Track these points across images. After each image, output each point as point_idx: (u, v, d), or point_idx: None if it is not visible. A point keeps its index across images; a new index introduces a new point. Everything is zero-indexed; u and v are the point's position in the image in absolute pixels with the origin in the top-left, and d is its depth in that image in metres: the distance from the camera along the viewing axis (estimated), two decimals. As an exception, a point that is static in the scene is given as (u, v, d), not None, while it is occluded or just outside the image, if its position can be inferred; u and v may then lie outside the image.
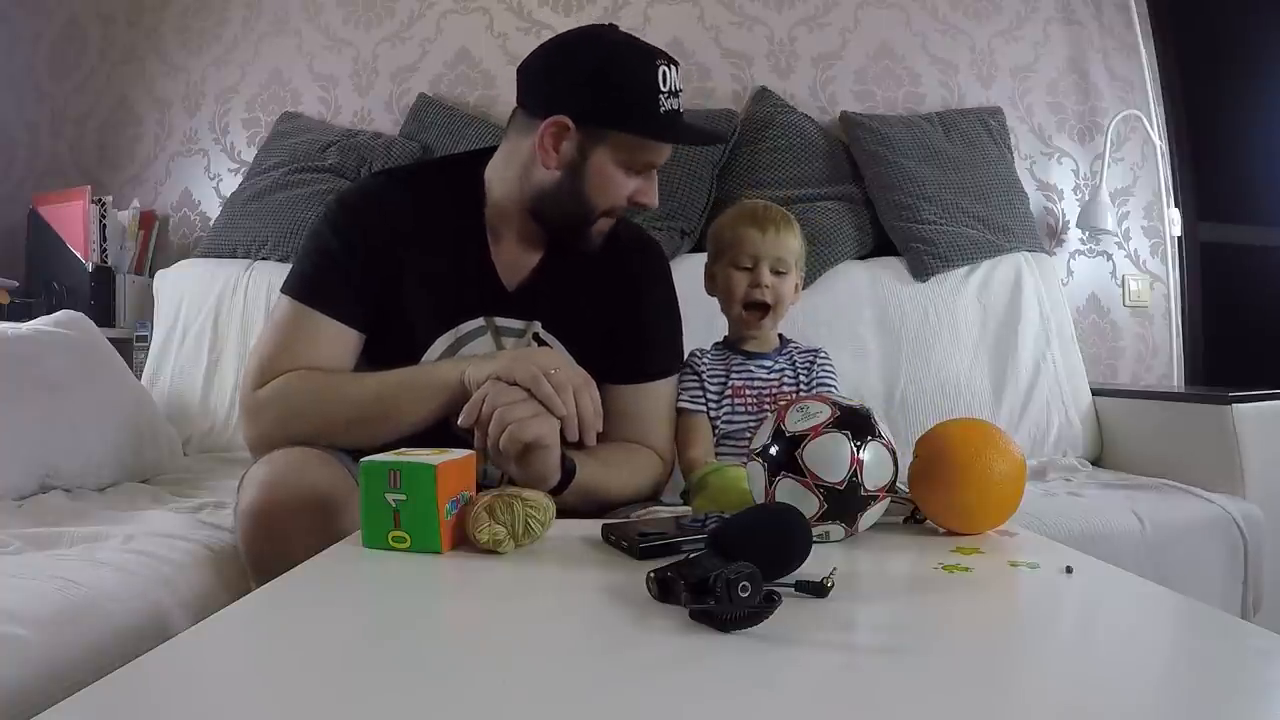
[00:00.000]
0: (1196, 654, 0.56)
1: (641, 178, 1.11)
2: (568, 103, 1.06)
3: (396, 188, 1.16)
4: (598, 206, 1.10)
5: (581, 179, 1.08)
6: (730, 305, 1.31)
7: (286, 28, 2.41)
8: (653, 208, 1.14)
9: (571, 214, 1.11)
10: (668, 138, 1.09)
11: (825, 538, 0.79)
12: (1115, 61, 2.39)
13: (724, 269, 1.30)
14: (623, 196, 1.10)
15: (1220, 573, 1.45)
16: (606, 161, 1.07)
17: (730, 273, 1.29)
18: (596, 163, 1.07)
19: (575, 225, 1.12)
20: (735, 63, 2.37)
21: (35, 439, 1.36)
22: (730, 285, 1.29)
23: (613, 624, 0.58)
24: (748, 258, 1.28)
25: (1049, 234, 2.36)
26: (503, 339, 1.14)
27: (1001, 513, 0.84)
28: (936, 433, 0.87)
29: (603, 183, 1.08)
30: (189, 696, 0.47)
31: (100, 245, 2.19)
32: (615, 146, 1.07)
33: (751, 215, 1.31)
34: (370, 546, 0.76)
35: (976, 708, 0.45)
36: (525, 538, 0.76)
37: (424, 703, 0.45)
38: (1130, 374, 2.35)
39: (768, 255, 1.28)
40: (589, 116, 1.06)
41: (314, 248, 1.11)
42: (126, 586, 0.95)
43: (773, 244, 1.28)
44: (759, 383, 1.29)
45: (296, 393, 1.03)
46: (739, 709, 0.45)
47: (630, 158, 1.08)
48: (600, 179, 1.08)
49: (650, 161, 1.10)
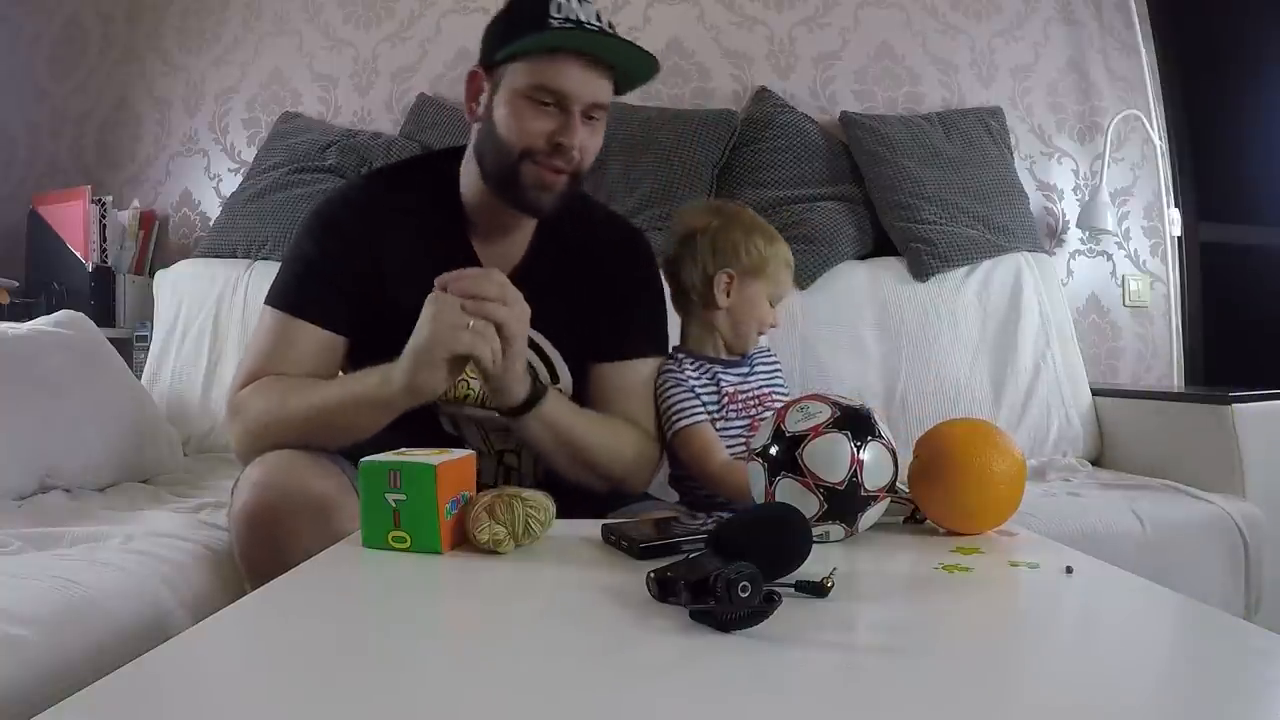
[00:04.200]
0: (1196, 654, 0.56)
1: (558, 115, 1.04)
2: (481, 53, 1.09)
3: (374, 188, 1.17)
4: (514, 147, 1.05)
5: (494, 120, 1.06)
6: (755, 327, 1.31)
7: (286, 28, 2.41)
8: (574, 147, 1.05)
9: (498, 166, 1.08)
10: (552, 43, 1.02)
11: (825, 538, 0.79)
12: (1115, 61, 2.39)
13: (760, 295, 1.29)
14: (536, 134, 1.04)
15: (1220, 573, 1.45)
16: (510, 95, 1.04)
17: (764, 301, 1.30)
18: (502, 99, 1.05)
19: (506, 179, 1.07)
20: (735, 63, 2.37)
21: (35, 439, 1.35)
22: (764, 312, 1.30)
23: (613, 624, 0.58)
24: (785, 291, 1.34)
25: (1049, 234, 2.36)
26: None
27: (1001, 513, 0.84)
28: (936, 433, 0.87)
29: (511, 119, 1.04)
30: (189, 696, 0.47)
31: (100, 245, 2.19)
32: (513, 77, 1.04)
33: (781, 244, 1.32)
34: (370, 546, 0.76)
35: (976, 707, 0.45)
36: (525, 538, 0.76)
37: (424, 703, 0.45)
38: (1130, 374, 2.35)
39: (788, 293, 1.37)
40: (489, 54, 1.07)
41: (292, 258, 1.13)
42: (126, 586, 0.95)
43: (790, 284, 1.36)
44: (746, 387, 1.30)
45: (264, 397, 1.05)
46: (739, 709, 0.45)
47: (528, 83, 1.03)
48: (508, 116, 1.05)
49: (553, 87, 1.02)
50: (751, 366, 1.33)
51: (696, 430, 1.21)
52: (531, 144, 1.05)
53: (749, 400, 1.29)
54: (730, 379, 1.29)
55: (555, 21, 1.01)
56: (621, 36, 1.05)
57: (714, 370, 1.29)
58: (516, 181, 1.07)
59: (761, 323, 1.30)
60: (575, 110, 1.04)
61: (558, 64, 1.02)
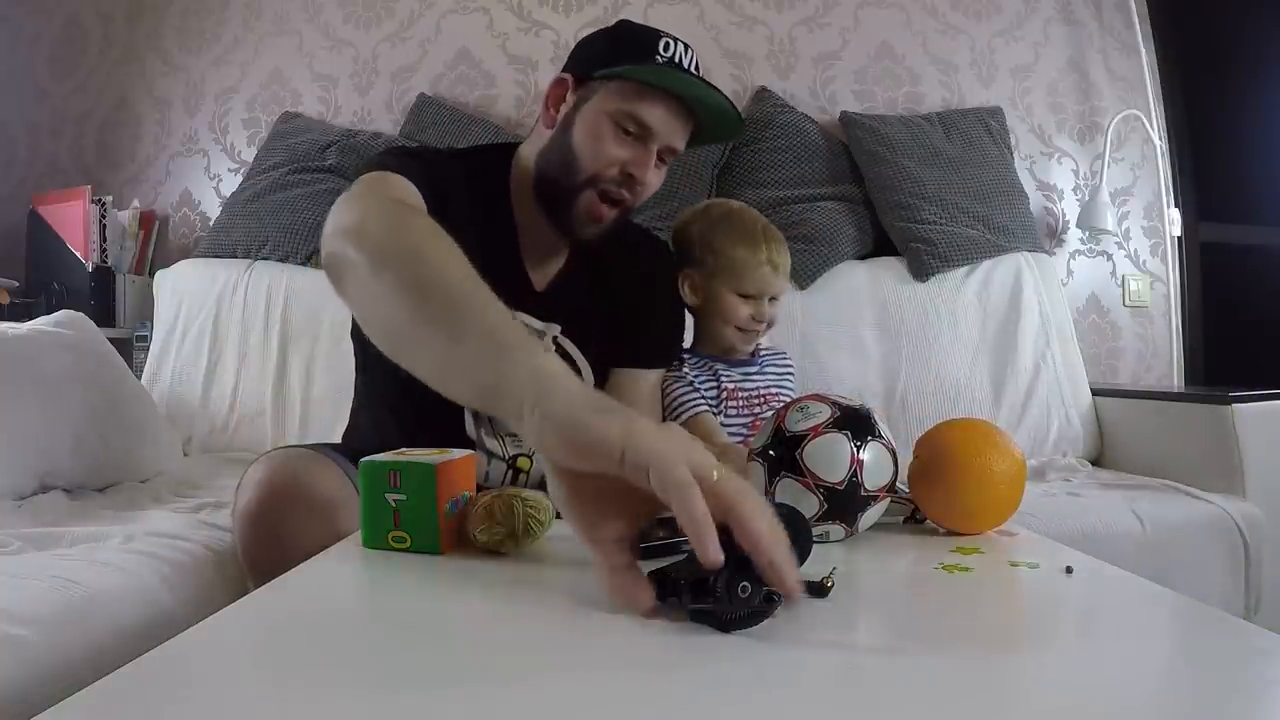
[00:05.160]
0: (1196, 654, 0.56)
1: (636, 146, 1.05)
2: (573, 64, 1.08)
3: (447, 159, 1.13)
4: (585, 166, 1.05)
5: (571, 132, 1.06)
6: (725, 325, 1.28)
7: (286, 28, 2.41)
8: (643, 183, 1.06)
9: (558, 182, 1.06)
10: (654, 78, 1.03)
11: (825, 538, 0.79)
12: (1115, 61, 2.40)
13: (723, 292, 1.26)
14: (612, 160, 1.04)
15: (1220, 573, 1.46)
16: (596, 112, 1.05)
17: (731, 299, 1.26)
18: (587, 113, 1.05)
19: (561, 198, 1.06)
20: (735, 63, 2.38)
21: (35, 439, 1.36)
22: (731, 310, 1.27)
23: (612, 624, 0.58)
24: (753, 289, 1.26)
25: (1049, 234, 2.36)
26: None
27: (1002, 513, 0.84)
28: (936, 433, 0.87)
29: (590, 136, 1.04)
30: (189, 696, 0.47)
31: (100, 245, 2.19)
32: (606, 96, 1.05)
33: (752, 241, 1.26)
34: (370, 547, 0.76)
35: (976, 707, 0.45)
36: (526, 538, 0.76)
37: (423, 703, 0.45)
38: (1130, 374, 2.35)
39: (774, 291, 1.28)
40: (585, 66, 1.07)
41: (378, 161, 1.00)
42: (126, 586, 0.95)
43: (780, 281, 1.28)
44: (750, 385, 1.30)
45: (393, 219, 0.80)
46: (739, 709, 0.45)
47: (619, 108, 1.03)
48: (588, 131, 1.04)
49: (642, 119, 1.03)
50: (761, 366, 1.33)
51: (697, 421, 1.24)
52: (603, 170, 1.05)
53: (751, 398, 1.29)
54: (732, 376, 1.30)
55: (661, 59, 1.03)
56: (722, 92, 1.06)
57: (715, 367, 1.30)
58: (571, 204, 1.07)
59: (730, 320, 1.27)
60: (654, 148, 1.05)
61: (653, 98, 1.04)
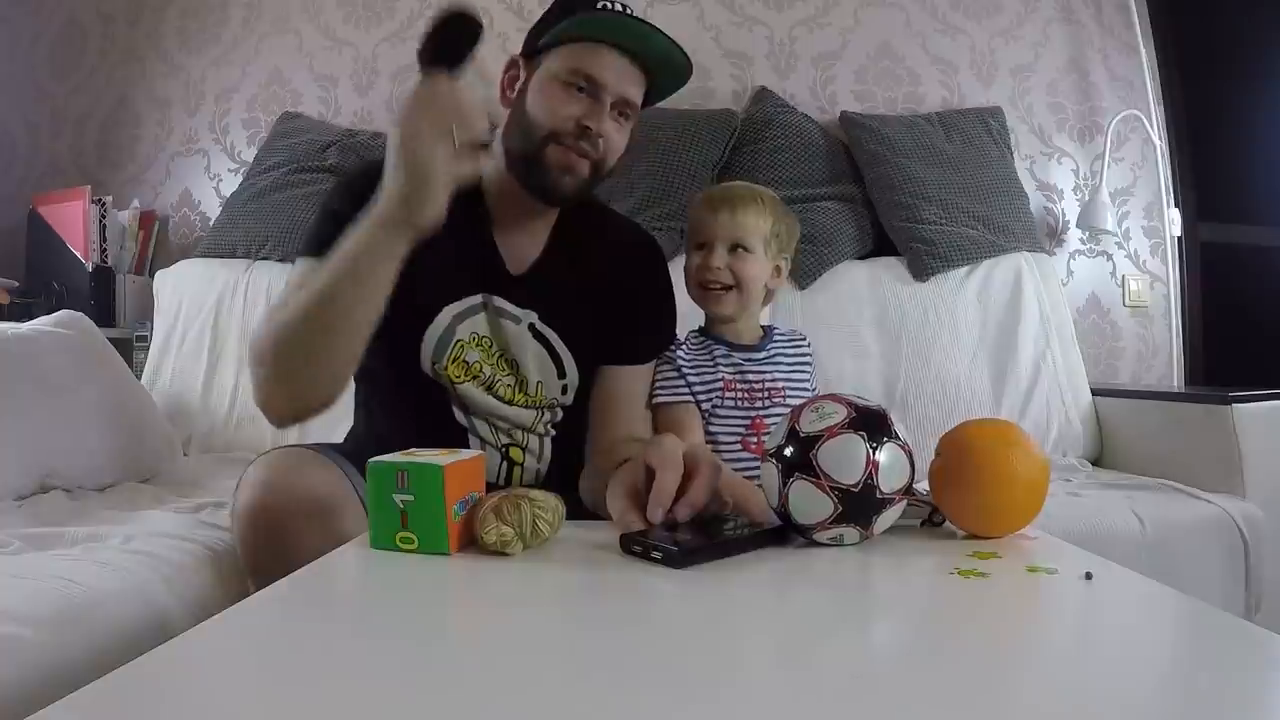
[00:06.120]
0: (1201, 655, 0.56)
1: (589, 101, 1.06)
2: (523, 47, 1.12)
3: None
4: (542, 128, 1.06)
5: (524, 102, 1.08)
6: (689, 287, 1.27)
7: (286, 28, 2.41)
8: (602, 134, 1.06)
9: (523, 148, 1.08)
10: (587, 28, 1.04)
11: (840, 541, 0.78)
12: (1115, 61, 2.39)
13: (689, 254, 1.27)
14: (565, 117, 1.05)
15: (1220, 573, 1.45)
16: (544, 78, 1.07)
17: (691, 257, 1.26)
18: (536, 82, 1.08)
19: (530, 161, 1.08)
20: (735, 63, 2.37)
21: (35, 439, 1.35)
22: (689, 266, 1.26)
23: (620, 627, 0.58)
24: (700, 236, 1.25)
25: (1049, 234, 2.36)
26: (501, 320, 1.13)
27: (1024, 515, 0.82)
28: (960, 432, 0.85)
29: (542, 99, 1.06)
30: (189, 696, 0.47)
31: (100, 245, 2.19)
32: (550, 63, 1.07)
33: (708, 197, 1.27)
34: (377, 547, 0.76)
35: (981, 709, 0.45)
36: (533, 539, 0.76)
37: (428, 705, 0.45)
38: (1130, 374, 2.35)
39: (722, 236, 1.23)
40: (530, 44, 1.10)
41: (321, 214, 1.10)
42: (126, 586, 0.95)
43: (726, 224, 1.22)
44: (752, 375, 1.24)
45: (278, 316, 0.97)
46: (751, 714, 0.44)
47: (565, 66, 1.05)
48: (540, 95, 1.07)
49: (588, 72, 1.05)
50: (770, 353, 1.26)
51: (669, 409, 1.20)
52: (559, 126, 1.06)
53: (753, 390, 1.22)
54: (733, 362, 1.24)
55: (598, 4, 1.04)
56: (665, 34, 1.07)
57: (715, 352, 1.24)
58: (541, 162, 1.07)
59: (690, 280, 1.26)
60: (606, 100, 1.06)
61: (595, 52, 1.05)
